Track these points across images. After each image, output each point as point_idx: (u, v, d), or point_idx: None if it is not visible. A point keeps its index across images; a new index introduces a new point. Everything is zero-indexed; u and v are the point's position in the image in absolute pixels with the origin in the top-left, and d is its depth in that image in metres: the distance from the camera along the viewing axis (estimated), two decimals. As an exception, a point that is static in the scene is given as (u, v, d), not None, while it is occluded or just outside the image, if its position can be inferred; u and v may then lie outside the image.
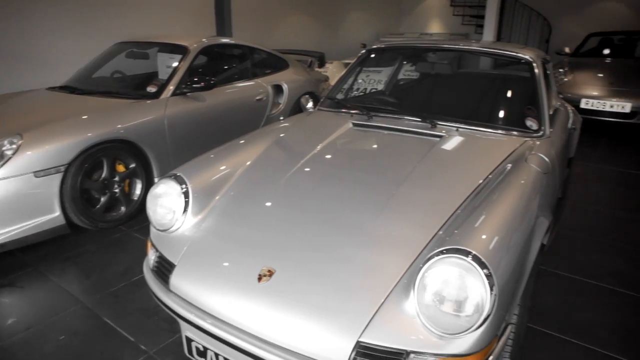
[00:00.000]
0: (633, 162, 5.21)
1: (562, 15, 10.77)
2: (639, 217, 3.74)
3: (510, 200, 1.77)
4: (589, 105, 6.03)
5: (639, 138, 6.20)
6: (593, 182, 4.57)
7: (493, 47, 3.23)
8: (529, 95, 2.67)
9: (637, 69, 6.58)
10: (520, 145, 2.29)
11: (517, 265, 1.59)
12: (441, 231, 1.66)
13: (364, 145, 2.51)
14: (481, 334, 1.39)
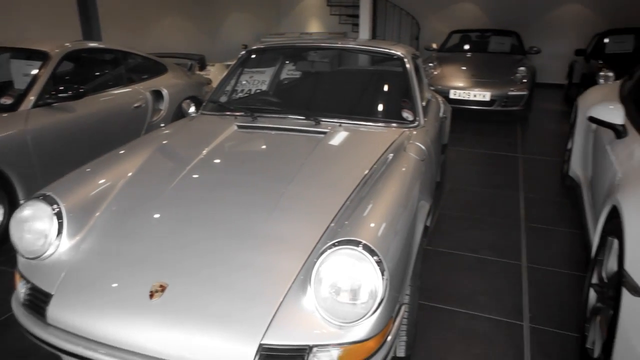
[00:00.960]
0: (496, 144, 5.85)
1: (428, 15, 11.74)
2: (504, 192, 4.21)
3: (394, 188, 1.88)
4: (456, 95, 6.63)
5: (499, 122, 6.97)
6: (465, 165, 5.04)
7: (368, 45, 3.40)
8: (403, 89, 2.86)
9: (491, 62, 7.42)
10: (399, 135, 2.45)
11: (405, 249, 1.70)
12: (333, 223, 1.71)
13: (250, 147, 2.49)
14: (378, 318, 1.45)
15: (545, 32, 10.85)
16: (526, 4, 10.96)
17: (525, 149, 5.69)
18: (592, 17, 10.58)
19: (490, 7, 11.34)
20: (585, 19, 10.66)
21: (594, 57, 7.74)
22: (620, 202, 1.92)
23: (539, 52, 8.02)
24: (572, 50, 9.12)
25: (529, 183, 4.46)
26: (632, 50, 7.44)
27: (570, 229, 3.48)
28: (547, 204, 3.96)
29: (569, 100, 8.08)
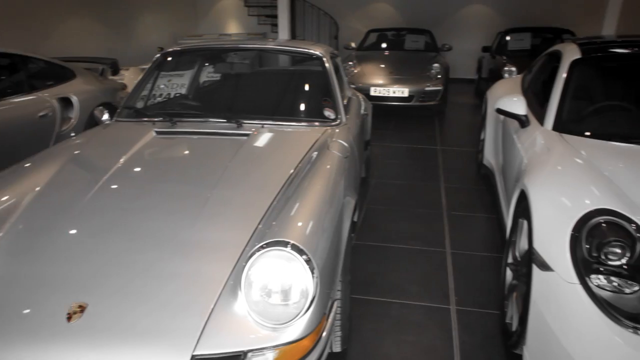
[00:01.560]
0: (417, 138, 6.11)
1: (346, 14, 12.00)
2: (426, 184, 4.41)
3: (319, 186, 1.90)
4: (377, 92, 6.84)
5: (418, 117, 7.28)
6: (389, 160, 5.21)
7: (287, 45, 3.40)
8: (324, 88, 2.89)
9: (408, 59, 7.74)
10: (322, 134, 2.48)
11: (333, 245, 1.72)
12: (261, 225, 1.69)
13: (171, 153, 2.41)
14: (311, 316, 1.46)
15: (455, 30, 11.52)
16: (436, 4, 11.56)
17: (444, 141, 5.99)
18: (495, 17, 11.38)
19: (404, 7, 11.84)
20: (489, 18, 11.44)
21: (498, 54, 8.32)
22: (527, 186, 2.08)
23: (450, 49, 8.49)
24: (480, 47, 9.76)
25: (449, 173, 4.70)
26: (530, 47, 8.09)
27: (487, 214, 3.72)
28: (466, 193, 4.20)
29: (480, 93, 8.62)
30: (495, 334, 2.31)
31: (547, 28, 9.05)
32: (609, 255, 1.54)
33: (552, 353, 1.58)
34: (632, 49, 2.98)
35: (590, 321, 1.45)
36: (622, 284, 1.49)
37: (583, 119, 2.60)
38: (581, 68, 2.77)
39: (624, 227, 1.58)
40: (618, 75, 2.93)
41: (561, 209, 1.77)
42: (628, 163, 2.07)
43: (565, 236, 1.64)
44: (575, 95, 2.67)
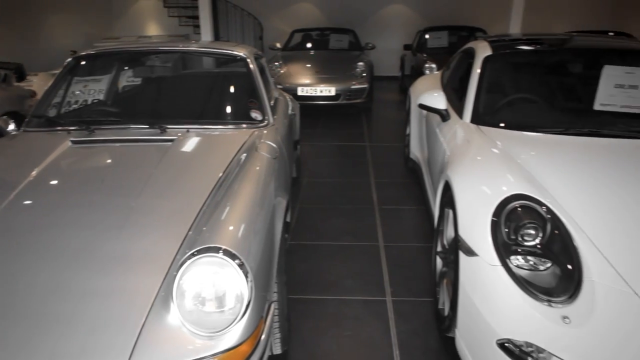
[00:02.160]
0: (346, 136, 6.22)
1: (270, 15, 11.96)
2: (357, 180, 4.50)
3: (249, 189, 1.87)
4: (304, 92, 6.88)
5: (346, 115, 7.41)
6: (320, 158, 5.26)
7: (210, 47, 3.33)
8: (250, 90, 2.86)
9: (333, 59, 7.86)
10: (250, 136, 2.45)
11: (267, 247, 1.70)
12: (191, 232, 1.63)
13: (89, 163, 2.27)
14: (247, 321, 1.43)
15: (377, 29, 11.87)
16: (358, 4, 11.85)
17: (372, 137, 6.15)
18: (414, 16, 11.87)
19: (327, 7, 12.01)
20: (409, 18, 11.91)
21: (419, 51, 8.69)
22: (450, 177, 2.19)
23: (374, 48, 8.74)
24: (402, 46, 10.14)
25: (378, 169, 4.83)
26: (448, 44, 8.52)
27: (416, 206, 3.86)
28: (395, 186, 4.34)
29: (404, 90, 8.92)
30: (430, 320, 2.41)
31: (462, 27, 9.58)
32: (524, 237, 1.66)
33: (480, 331, 1.67)
34: (535, 45, 3.23)
35: (511, 299, 1.55)
36: (537, 262, 1.61)
37: (497, 112, 2.77)
38: (492, 64, 2.96)
39: (536, 209, 1.71)
40: (525, 69, 3.16)
41: (482, 197, 1.88)
42: (538, 151, 2.24)
43: (486, 222, 1.74)
44: (489, 90, 2.84)
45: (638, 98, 2.48)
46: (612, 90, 2.51)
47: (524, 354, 1.51)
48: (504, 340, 1.55)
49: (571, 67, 3.19)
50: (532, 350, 1.49)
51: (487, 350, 1.63)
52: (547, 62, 3.17)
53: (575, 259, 1.57)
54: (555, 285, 1.54)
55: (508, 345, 1.55)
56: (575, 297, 1.49)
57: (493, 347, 1.59)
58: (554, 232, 1.65)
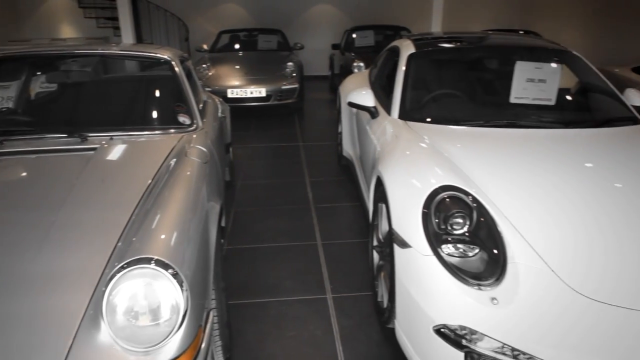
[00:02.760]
0: (279, 136, 6.21)
1: (195, 16, 11.65)
2: (292, 180, 4.50)
3: (180, 195, 1.81)
4: (234, 94, 6.77)
5: (278, 116, 7.40)
6: (254, 160, 5.21)
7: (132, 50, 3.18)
8: (176, 93, 2.77)
9: (262, 60, 7.81)
10: (179, 141, 2.37)
11: (202, 254, 1.66)
12: (120, 243, 1.55)
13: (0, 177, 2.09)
14: (185, 331, 1.39)
15: (305, 29, 11.93)
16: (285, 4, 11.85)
17: (305, 137, 6.18)
18: (341, 16, 12.06)
19: (253, 8, 11.90)
20: (336, 17, 12.08)
21: (347, 51, 8.84)
22: (381, 172, 2.25)
23: (302, 48, 8.78)
24: (330, 45, 10.27)
25: (312, 168, 4.86)
26: (374, 43, 8.75)
27: (351, 202, 3.93)
28: (330, 185, 4.39)
29: (334, 89, 9.06)
30: (371, 314, 2.46)
31: (387, 26, 9.86)
32: (453, 226, 1.74)
33: (417, 320, 1.73)
34: (455, 43, 3.39)
35: (444, 286, 1.62)
36: (466, 249, 1.70)
37: (423, 107, 2.88)
38: (416, 61, 3.07)
39: (463, 199, 1.80)
40: (447, 66, 3.32)
41: (412, 190, 1.95)
42: (462, 143, 2.35)
43: (417, 214, 1.80)
44: (414, 86, 2.95)
45: (547, 91, 2.68)
46: (524, 84, 2.70)
47: (458, 337, 1.58)
48: (439, 326, 1.62)
49: (488, 63, 3.39)
50: (465, 333, 1.56)
51: (424, 337, 1.69)
52: (466, 58, 3.34)
53: (500, 243, 1.67)
54: (484, 270, 1.63)
55: (444, 330, 1.61)
56: (502, 279, 1.58)
57: (430, 334, 1.65)
58: (479, 219, 1.74)
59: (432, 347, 1.67)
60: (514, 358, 1.49)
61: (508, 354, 1.50)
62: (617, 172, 2.09)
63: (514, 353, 1.48)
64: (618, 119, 2.73)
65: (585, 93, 3.09)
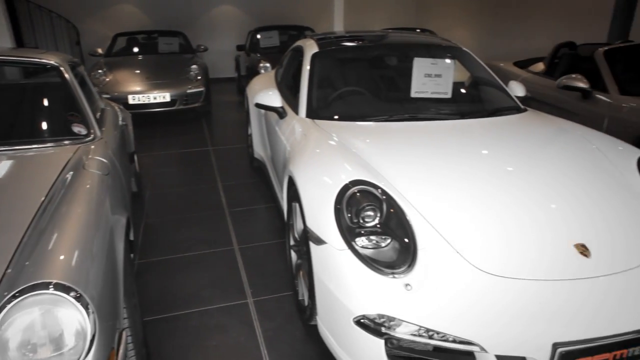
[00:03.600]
0: (188, 142, 6.00)
1: (85, 17, 10.86)
2: (204, 186, 4.37)
3: (80, 210, 1.68)
4: (136, 100, 6.43)
5: (186, 120, 7.15)
6: (162, 168, 4.98)
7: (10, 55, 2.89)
8: (68, 101, 2.56)
9: (164, 63, 7.48)
10: (75, 152, 2.19)
11: (108, 271, 1.55)
12: (10, 269, 1.40)
13: None
14: (94, 356, 1.28)
15: (208, 31, 11.64)
16: (185, 5, 11.46)
17: (214, 141, 6.04)
18: (244, 17, 11.93)
19: (150, 9, 11.36)
20: (239, 18, 11.93)
21: (252, 51, 8.77)
22: (293, 172, 2.26)
23: (206, 50, 8.56)
24: (235, 46, 10.12)
25: (224, 172, 4.76)
26: (279, 43, 8.76)
27: (266, 204, 3.91)
28: (243, 188, 4.32)
29: (241, 90, 8.94)
30: (293, 313, 2.46)
31: (291, 26, 9.93)
32: (365, 219, 1.80)
33: (337, 314, 1.76)
34: (357, 42, 3.50)
35: (360, 278, 1.67)
36: (378, 240, 1.76)
37: (330, 105, 2.94)
38: (320, 60, 3.12)
39: (372, 192, 1.86)
40: (350, 64, 3.41)
41: (324, 187, 1.98)
42: (369, 138, 2.44)
43: (330, 210, 1.84)
44: (320, 85, 3.00)
45: (443, 85, 2.86)
46: (423, 80, 2.85)
47: (377, 325, 1.63)
48: (359, 317, 1.66)
49: (389, 60, 3.54)
50: (384, 321, 1.62)
51: (346, 330, 1.73)
52: (368, 56, 3.46)
53: (410, 232, 1.75)
54: (396, 258, 1.70)
55: (363, 321, 1.66)
56: (413, 266, 1.66)
57: (351, 326, 1.69)
58: (389, 211, 1.81)
59: (354, 338, 1.71)
60: (429, 338, 1.57)
61: (424, 335, 1.58)
62: (508, 156, 2.29)
63: (429, 334, 1.57)
64: (505, 108, 2.99)
65: (477, 86, 3.35)
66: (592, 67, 4.26)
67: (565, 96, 4.35)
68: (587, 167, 2.26)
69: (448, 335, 1.55)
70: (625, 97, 3.82)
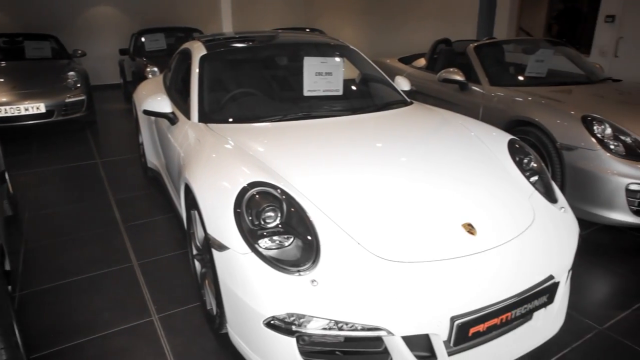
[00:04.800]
0: (71, 156, 5.50)
1: None
2: (94, 202, 4.05)
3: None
4: (3, 113, 5.75)
5: (68, 132, 6.56)
6: (43, 187, 4.52)
7: None
8: None
9: (35, 70, 6.75)
10: None
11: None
12: None
13: None
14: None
15: (85, 34, 10.75)
16: (54, 5, 10.45)
17: (103, 153, 5.62)
18: (125, 18, 11.21)
19: (13, 10, 10.19)
20: (120, 20, 11.18)
21: (137, 55, 8.30)
22: (189, 179, 2.18)
23: (84, 55, 7.92)
24: (118, 50, 9.49)
25: (116, 185, 4.45)
26: (166, 46, 8.40)
27: (165, 214, 3.73)
28: (139, 200, 4.08)
29: (129, 97, 8.43)
30: (202, 324, 2.38)
31: (178, 28, 9.54)
32: (266, 220, 1.79)
33: (247, 319, 1.74)
34: (248, 42, 3.47)
35: (266, 279, 1.66)
36: (282, 240, 1.76)
37: (222, 108, 2.88)
38: (209, 63, 3.05)
39: (272, 193, 1.86)
40: (241, 66, 3.37)
41: (222, 192, 1.93)
42: (265, 139, 2.43)
43: (230, 215, 1.80)
44: (211, 88, 2.93)
45: (334, 82, 2.95)
46: (314, 78, 2.91)
47: (288, 324, 1.63)
48: (269, 319, 1.65)
49: (280, 60, 3.56)
50: (294, 319, 1.62)
51: (257, 333, 1.71)
52: (259, 57, 3.45)
53: (312, 228, 1.78)
54: (301, 256, 1.71)
55: (273, 322, 1.65)
56: (317, 262, 1.68)
57: (261, 329, 1.68)
58: (290, 210, 1.82)
59: (266, 341, 1.70)
60: (339, 330, 1.61)
61: (334, 328, 1.61)
62: (399, 147, 2.43)
63: (339, 325, 1.61)
64: (393, 102, 3.16)
65: (366, 82, 3.50)
66: (466, 61, 4.67)
67: (445, 88, 4.72)
68: (468, 152, 2.47)
69: (357, 325, 1.60)
70: (494, 87, 4.25)
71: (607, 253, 3.13)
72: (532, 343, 1.93)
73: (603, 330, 2.35)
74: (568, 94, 3.92)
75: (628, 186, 3.04)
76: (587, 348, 2.23)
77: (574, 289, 2.59)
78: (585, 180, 3.22)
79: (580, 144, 3.24)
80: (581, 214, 3.21)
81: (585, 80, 4.43)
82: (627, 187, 3.04)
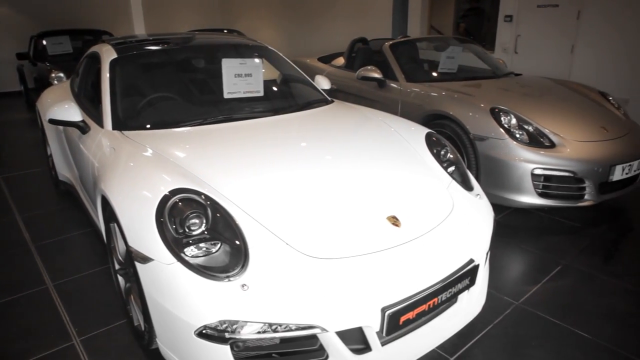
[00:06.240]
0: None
1: None
2: (-2, 221, 3.71)
3: None
4: None
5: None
6: None
7: None
8: None
9: None
10: None
11: None
12: None
13: None
14: None
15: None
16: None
17: (5, 167, 5.15)
18: (22, 19, 10.32)
19: None
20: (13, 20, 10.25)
21: (39, 60, 7.70)
22: (105, 191, 2.05)
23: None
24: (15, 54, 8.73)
25: (23, 202, 4.10)
26: (73, 50, 7.86)
27: (81, 230, 3.49)
28: (50, 216, 3.79)
29: (32, 106, 7.80)
30: (130, 342, 2.25)
31: (85, 30, 8.97)
32: (191, 227, 1.73)
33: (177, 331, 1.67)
34: (162, 45, 3.33)
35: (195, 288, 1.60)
36: (208, 247, 1.71)
37: (138, 114, 2.74)
38: (121, 67, 2.89)
39: (195, 199, 1.80)
40: (156, 69, 3.23)
41: (142, 202, 1.84)
42: (185, 144, 2.35)
43: (152, 225, 1.72)
44: (125, 93, 2.78)
45: (254, 84, 2.91)
46: (234, 80, 2.86)
47: (220, 332, 1.59)
48: (200, 329, 1.60)
49: (198, 63, 3.45)
50: (226, 326, 1.59)
51: (189, 345, 1.65)
52: (176, 60, 3.32)
53: (239, 232, 1.74)
54: (229, 261, 1.67)
55: (205, 331, 1.60)
56: (247, 266, 1.66)
57: (193, 340, 1.62)
58: (215, 215, 1.78)
59: (199, 351, 1.65)
60: (274, 332, 1.60)
61: (269, 330, 1.59)
62: (323, 145, 2.45)
63: (273, 327, 1.59)
64: (314, 101, 3.19)
65: (286, 82, 3.49)
66: (382, 59, 4.82)
67: (365, 86, 4.84)
68: (389, 147, 2.55)
69: (290, 325, 1.59)
70: (410, 83, 4.43)
71: (518, 234, 3.38)
72: (459, 324, 2.03)
73: (519, 305, 2.54)
74: (477, 88, 4.18)
75: (533, 171, 3.31)
76: (507, 322, 2.39)
77: (492, 270, 2.78)
78: (497, 167, 3.45)
79: (490, 134, 3.47)
80: (495, 199, 3.43)
81: (491, 75, 4.75)
82: (532, 171, 3.31)
